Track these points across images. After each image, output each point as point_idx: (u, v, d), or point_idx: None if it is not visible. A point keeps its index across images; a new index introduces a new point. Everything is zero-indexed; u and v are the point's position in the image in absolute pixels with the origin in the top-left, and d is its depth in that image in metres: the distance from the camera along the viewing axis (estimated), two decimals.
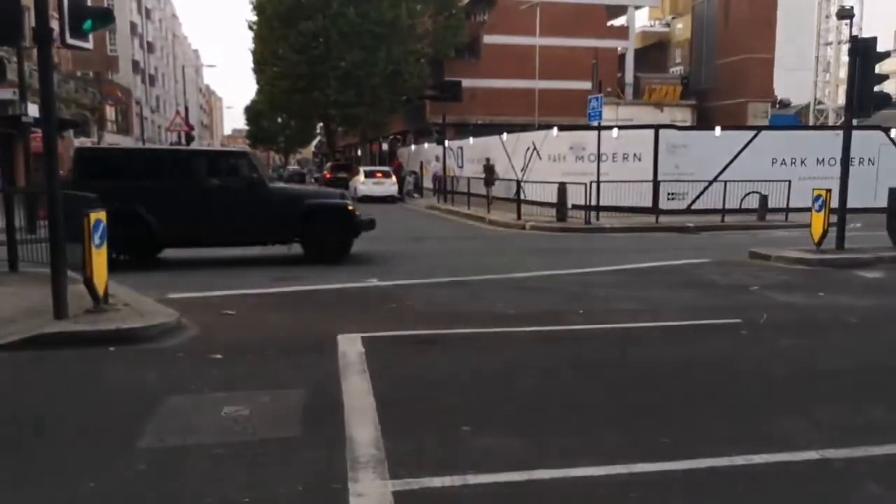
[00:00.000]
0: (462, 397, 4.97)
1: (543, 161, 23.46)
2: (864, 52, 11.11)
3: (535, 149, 24.23)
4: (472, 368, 5.68)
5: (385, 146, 49.98)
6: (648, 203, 19.23)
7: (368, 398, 4.87)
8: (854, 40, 11.39)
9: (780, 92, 49.14)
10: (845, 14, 12.82)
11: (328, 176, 35.51)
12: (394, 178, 30.31)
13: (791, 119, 43.60)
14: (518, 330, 6.89)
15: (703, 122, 41.16)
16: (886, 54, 11.43)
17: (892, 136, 22.09)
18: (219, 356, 5.84)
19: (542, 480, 3.67)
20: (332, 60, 34.90)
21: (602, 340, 6.65)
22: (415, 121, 43.23)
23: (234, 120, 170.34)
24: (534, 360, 5.94)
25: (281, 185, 15.32)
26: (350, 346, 6.10)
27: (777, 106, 48.78)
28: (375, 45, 34.10)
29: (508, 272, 10.27)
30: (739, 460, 3.88)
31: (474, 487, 3.56)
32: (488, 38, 41.25)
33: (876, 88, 12.04)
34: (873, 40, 11.36)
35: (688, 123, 40.40)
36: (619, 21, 46.72)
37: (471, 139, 30.94)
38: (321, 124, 51.83)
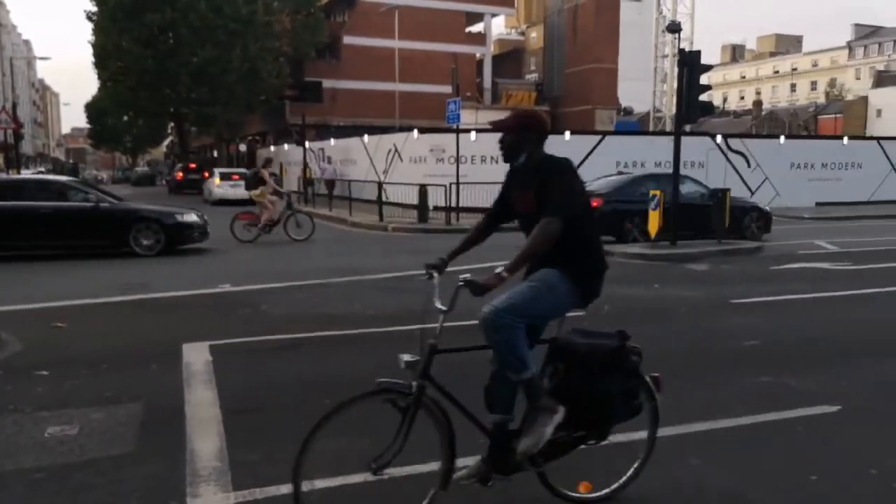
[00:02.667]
0: (316, 402, 4.86)
1: (405, 163, 23.65)
2: (690, 64, 12.17)
3: (396, 151, 24.37)
4: (331, 372, 5.59)
5: (243, 147, 48.19)
6: None
7: (214, 409, 4.65)
8: (682, 53, 12.44)
9: (624, 100, 52.84)
10: (674, 28, 14.01)
11: (180, 177, 33.66)
12: None
13: (633, 125, 47.05)
14: (380, 330, 6.86)
15: (556, 126, 43.32)
16: (709, 66, 12.59)
17: (718, 141, 24.38)
18: (45, 372, 5.34)
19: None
20: (183, 56, 33.15)
21: (463, 337, 6.76)
22: (274, 121, 42.07)
23: (74, 117, 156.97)
24: (392, 361, 5.93)
25: None
26: (196, 356, 5.80)
27: (621, 113, 52.39)
28: (230, 42, 32.81)
29: (371, 273, 10.24)
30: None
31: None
32: (348, 39, 41.00)
33: (702, 97, 13.24)
34: (698, 53, 12.47)
35: None
36: (477, 28, 48.12)
37: (332, 140, 30.57)
38: (173, 123, 49.05)
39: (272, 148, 39.95)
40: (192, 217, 12.87)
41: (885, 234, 16.30)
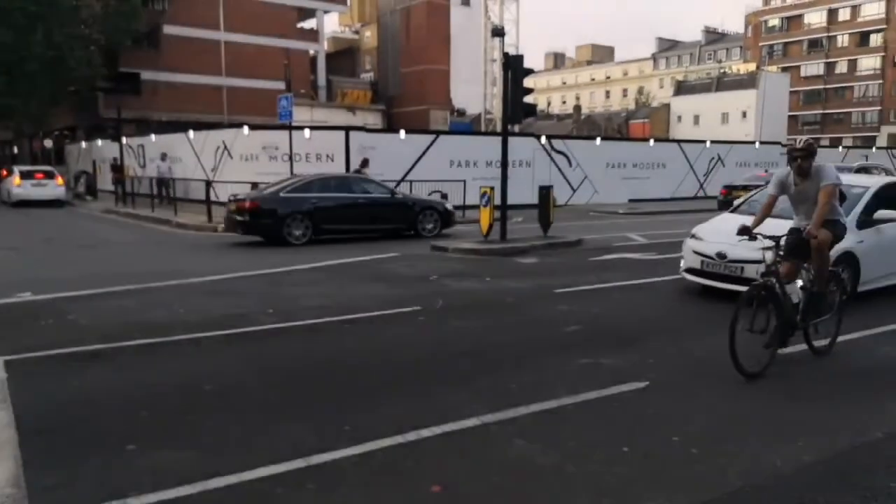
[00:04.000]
0: (129, 415, 4.50)
1: (235, 161, 22.60)
2: (514, 68, 12.75)
3: (226, 148, 23.21)
4: (144, 382, 5.18)
5: (49, 143, 43.49)
6: None
7: (9, 430, 4.14)
8: (506, 57, 13.01)
9: (458, 101, 54.43)
10: (497, 32, 14.59)
11: None
12: (59, 180, 26.46)
13: (466, 126, 48.62)
14: (200, 336, 6.47)
15: (393, 126, 43.60)
16: (531, 70, 13.25)
17: (543, 142, 25.84)
18: None
19: (218, 489, 3.48)
20: None
21: (288, 338, 6.59)
22: (86, 115, 38.38)
23: None
24: (216, 366, 5.64)
25: None
26: None
27: (455, 114, 53.92)
28: (29, 25, 29.39)
29: (196, 276, 9.65)
30: (412, 436, 4.14)
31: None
32: (169, 29, 38.39)
33: (526, 100, 13.90)
34: (521, 57, 13.09)
35: (379, 127, 42.42)
36: (310, 24, 47.18)
37: (153, 136, 28.50)
38: None
39: (83, 144, 36.45)
40: (450, 205, 16.14)
41: (684, 226, 18.16)
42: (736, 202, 11.12)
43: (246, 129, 22.93)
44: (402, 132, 23.70)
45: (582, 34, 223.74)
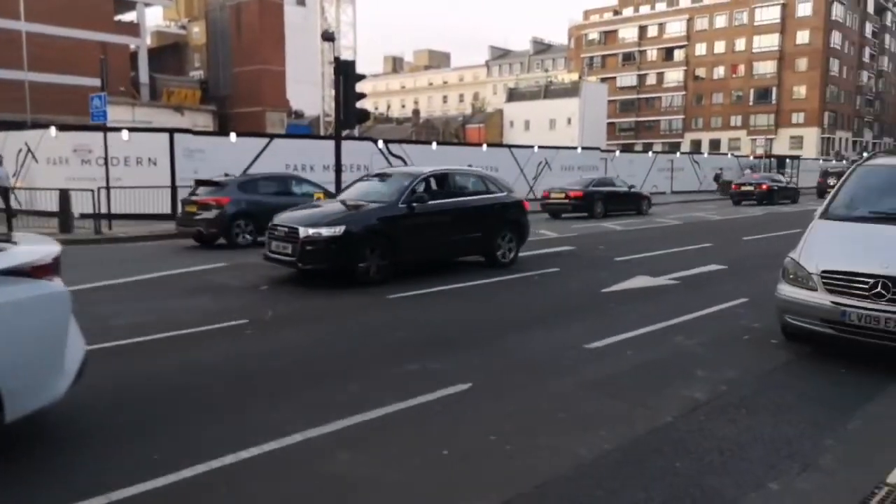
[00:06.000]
0: None
1: (41, 165, 20.52)
2: (346, 73, 12.72)
3: (29, 151, 20.99)
4: None
5: None
6: (168, 209, 18.55)
7: None
8: (337, 61, 12.94)
9: (296, 103, 53.25)
10: (328, 37, 14.37)
11: None
12: None
13: (305, 129, 47.72)
14: None
15: (225, 127, 41.78)
16: (363, 76, 13.30)
17: (381, 146, 25.99)
18: None
19: None
20: None
21: (95, 363, 6.06)
22: None
23: None
24: None
25: None
26: None
27: (293, 116, 52.71)
28: None
29: None
30: (229, 459, 3.97)
31: None
32: None
33: (360, 105, 13.93)
34: (353, 63, 13.11)
35: (210, 128, 40.45)
36: (130, 17, 43.95)
37: None
38: None
39: None
40: None
41: None
42: None
43: (53, 129, 20.90)
44: (234, 135, 22.75)
45: (419, 39, 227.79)
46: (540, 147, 33.81)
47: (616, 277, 10.18)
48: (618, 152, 40.67)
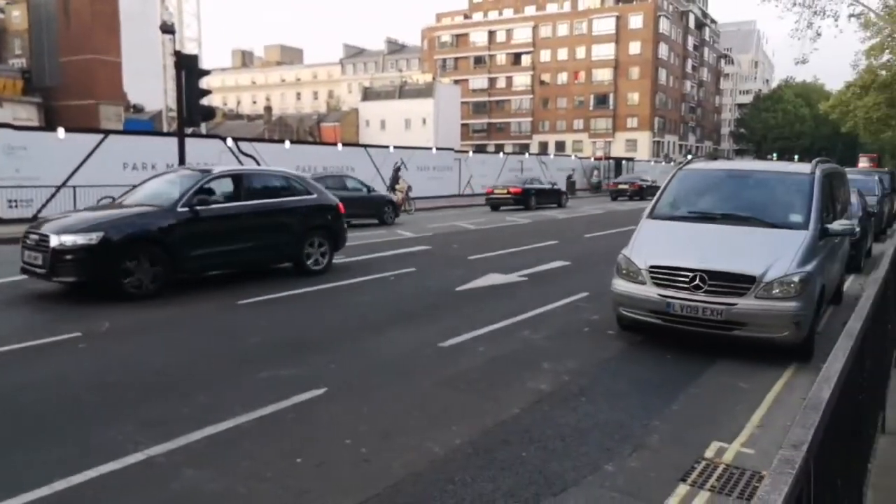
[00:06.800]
0: None
1: None
2: (188, 68, 12.08)
3: None
4: None
5: None
6: None
7: None
8: (178, 55, 12.26)
9: (135, 97, 49.74)
10: (167, 29, 13.43)
11: None
12: None
13: (146, 125, 44.64)
14: None
15: (52, 122, 38.23)
16: (207, 71, 12.70)
17: (230, 144, 24.93)
18: None
19: None
20: None
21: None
22: None
23: None
24: None
25: None
26: None
27: (132, 110, 49.21)
28: None
29: None
30: (60, 485, 3.68)
31: None
32: None
33: (204, 101, 13.28)
34: (195, 57, 12.50)
35: (35, 122, 36.80)
36: None
37: None
38: None
39: None
40: None
41: (367, 229, 19.15)
42: None
43: None
44: (61, 130, 20.79)
45: (270, 34, 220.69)
46: (395, 147, 34.00)
47: (469, 276, 10.50)
48: (471, 153, 41.81)
